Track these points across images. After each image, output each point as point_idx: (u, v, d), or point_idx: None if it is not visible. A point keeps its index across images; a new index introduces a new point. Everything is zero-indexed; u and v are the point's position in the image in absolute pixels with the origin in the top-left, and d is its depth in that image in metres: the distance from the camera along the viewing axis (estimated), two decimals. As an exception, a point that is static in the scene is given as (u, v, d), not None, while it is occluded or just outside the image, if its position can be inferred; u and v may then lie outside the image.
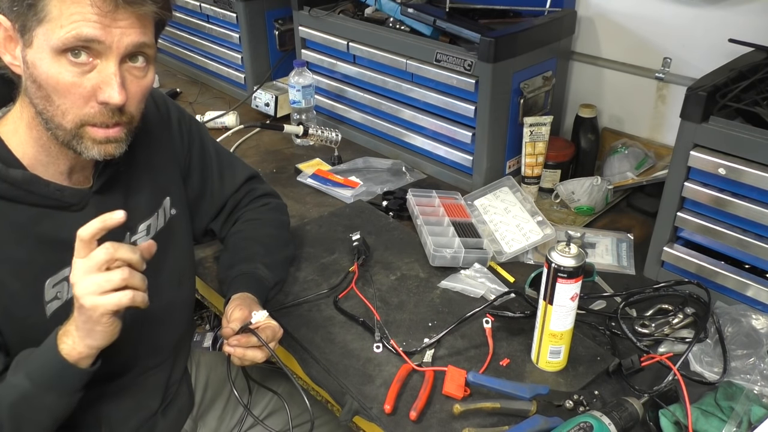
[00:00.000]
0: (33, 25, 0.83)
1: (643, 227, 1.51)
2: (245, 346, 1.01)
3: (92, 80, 0.85)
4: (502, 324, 1.19)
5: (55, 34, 0.82)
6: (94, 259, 0.81)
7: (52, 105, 0.86)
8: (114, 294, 0.82)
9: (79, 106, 0.86)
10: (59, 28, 0.82)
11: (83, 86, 0.85)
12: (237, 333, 1.01)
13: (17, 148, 0.91)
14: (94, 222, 0.82)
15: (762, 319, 1.13)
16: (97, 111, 0.87)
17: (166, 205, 1.12)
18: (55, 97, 0.86)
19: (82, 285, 0.82)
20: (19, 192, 0.90)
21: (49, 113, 0.87)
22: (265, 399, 1.28)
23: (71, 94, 0.85)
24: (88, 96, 0.86)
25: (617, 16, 1.66)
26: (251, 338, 1.00)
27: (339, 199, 1.63)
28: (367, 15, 1.86)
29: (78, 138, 0.89)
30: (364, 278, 1.31)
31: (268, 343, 1.00)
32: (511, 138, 1.63)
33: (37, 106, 0.87)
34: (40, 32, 0.83)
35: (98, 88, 0.86)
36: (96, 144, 0.89)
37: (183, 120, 1.19)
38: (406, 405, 1.01)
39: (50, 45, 0.82)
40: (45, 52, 0.83)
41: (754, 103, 1.16)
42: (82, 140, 0.89)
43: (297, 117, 1.89)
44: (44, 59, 0.84)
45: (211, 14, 2.21)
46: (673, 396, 0.99)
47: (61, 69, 0.84)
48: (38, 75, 0.85)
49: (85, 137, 0.89)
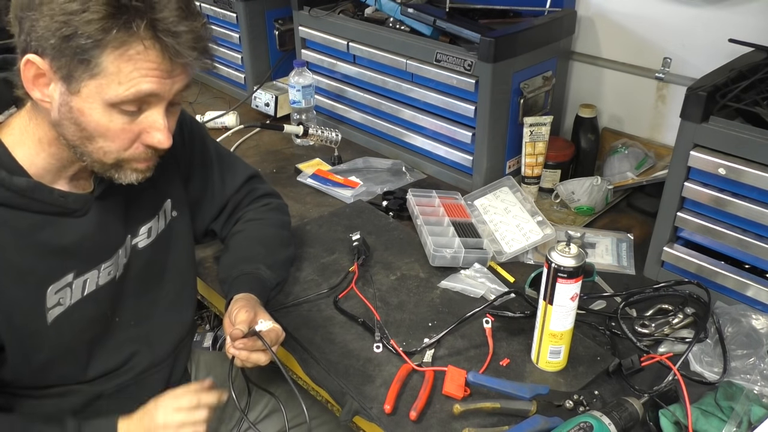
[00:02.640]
0: (84, 77, 0.82)
1: (643, 227, 1.51)
2: (250, 350, 1.01)
3: (140, 125, 0.88)
4: (502, 324, 1.19)
5: (112, 90, 0.82)
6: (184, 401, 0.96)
7: (93, 144, 0.88)
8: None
9: (125, 148, 0.89)
10: (117, 84, 0.82)
11: (132, 131, 0.88)
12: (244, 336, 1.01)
13: (24, 158, 0.90)
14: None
15: (762, 319, 1.13)
16: (141, 152, 0.91)
17: (167, 207, 1.12)
18: (101, 140, 0.87)
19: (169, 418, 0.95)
20: (23, 200, 0.89)
21: (88, 149, 0.88)
22: (264, 399, 1.28)
23: (119, 139, 0.88)
24: (134, 139, 0.89)
25: (617, 16, 1.66)
26: (257, 342, 1.00)
27: (339, 199, 1.63)
28: (367, 15, 1.86)
29: (117, 168, 0.92)
30: (364, 278, 1.31)
31: (271, 346, 1.00)
32: (511, 138, 1.63)
33: (72, 141, 0.88)
34: (92, 84, 0.82)
35: (146, 132, 0.89)
36: (134, 172, 0.93)
37: (183, 121, 1.18)
38: (406, 405, 1.01)
39: (104, 98, 0.83)
40: (96, 103, 0.84)
41: (754, 103, 1.16)
42: (122, 170, 0.92)
43: (297, 117, 1.89)
44: (95, 109, 0.84)
45: (211, 14, 2.21)
46: (673, 396, 0.99)
47: (112, 119, 0.85)
48: (86, 122, 0.85)
49: (126, 168, 0.92)
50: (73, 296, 0.96)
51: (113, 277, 1.02)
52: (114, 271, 1.02)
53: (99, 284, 0.99)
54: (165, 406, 0.96)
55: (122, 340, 1.03)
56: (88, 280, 0.97)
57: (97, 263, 0.98)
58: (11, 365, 0.92)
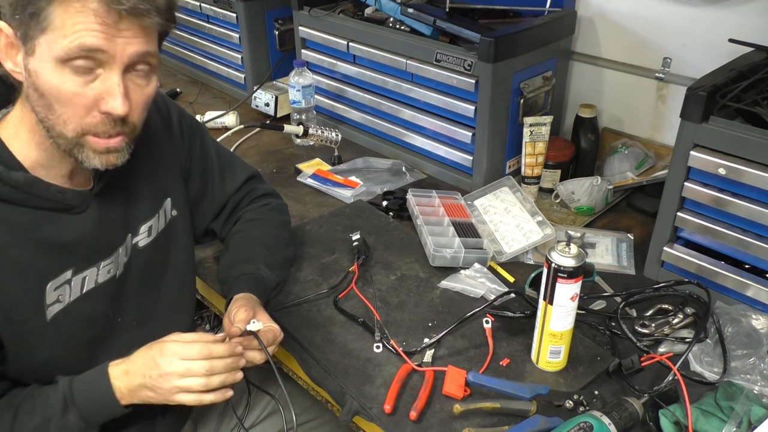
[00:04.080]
0: (35, 34, 0.82)
1: (643, 227, 1.51)
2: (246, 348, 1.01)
3: (95, 90, 0.85)
4: (502, 324, 1.19)
5: (58, 44, 0.81)
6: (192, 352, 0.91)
7: (53, 114, 0.86)
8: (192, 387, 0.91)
9: (81, 115, 0.86)
10: (62, 37, 0.81)
11: (86, 96, 0.85)
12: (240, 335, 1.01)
13: (19, 151, 0.90)
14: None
15: (762, 319, 1.13)
16: (99, 121, 0.87)
17: (167, 206, 1.12)
18: (57, 106, 0.85)
19: (171, 367, 0.90)
20: (20, 195, 0.89)
21: (51, 122, 0.86)
22: (264, 400, 1.28)
23: (73, 103, 0.85)
24: (91, 106, 0.86)
25: (617, 16, 1.67)
26: (253, 341, 1.00)
27: (339, 199, 1.63)
28: (367, 15, 1.86)
29: (79, 147, 0.88)
30: (364, 278, 1.31)
31: (269, 345, 1.00)
32: (511, 138, 1.63)
33: (39, 114, 0.87)
34: (43, 41, 0.82)
35: (101, 98, 0.85)
36: (97, 154, 0.89)
37: (183, 120, 1.18)
38: (406, 405, 1.01)
39: (53, 54, 0.82)
40: (47, 61, 0.83)
41: (754, 103, 1.16)
42: (83, 150, 0.89)
43: (297, 117, 1.89)
44: (47, 68, 0.83)
45: (211, 14, 2.21)
46: (673, 396, 0.99)
47: (63, 79, 0.83)
48: (40, 84, 0.84)
49: (86, 147, 0.89)
50: (72, 293, 0.96)
51: (113, 275, 1.02)
52: (114, 269, 1.02)
53: (98, 282, 0.99)
54: (169, 353, 0.91)
55: (125, 340, 1.03)
56: (87, 277, 0.97)
57: (97, 261, 0.98)
58: (13, 362, 0.93)
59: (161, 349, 0.92)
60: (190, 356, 0.91)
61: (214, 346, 0.92)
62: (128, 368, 0.93)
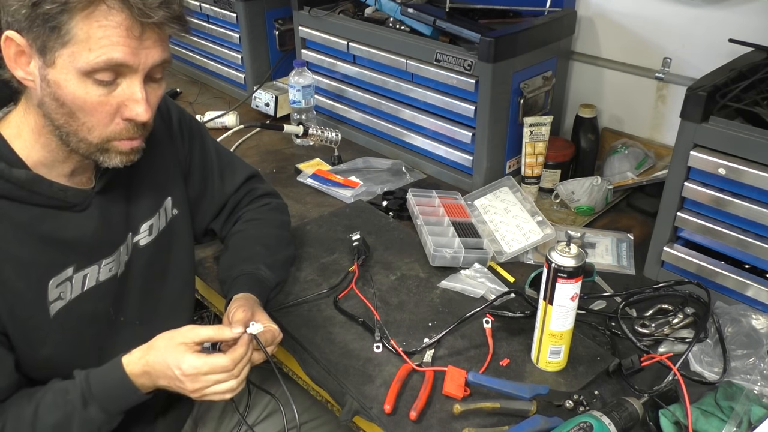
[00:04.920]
0: (56, 46, 0.82)
1: (643, 227, 1.51)
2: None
3: (117, 98, 0.87)
4: (502, 324, 1.19)
5: (83, 58, 0.82)
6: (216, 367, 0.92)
7: (76, 121, 0.87)
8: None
9: (105, 123, 0.89)
10: (87, 51, 0.82)
11: (109, 104, 0.87)
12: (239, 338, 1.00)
13: (21, 150, 0.91)
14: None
15: (762, 319, 1.13)
16: (123, 128, 0.90)
17: (168, 205, 1.12)
18: (80, 114, 0.87)
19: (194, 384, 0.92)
20: (22, 192, 0.90)
21: (73, 128, 0.88)
22: (264, 400, 1.28)
23: (97, 112, 0.87)
24: (113, 113, 0.88)
25: (617, 16, 1.67)
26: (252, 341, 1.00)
27: (339, 199, 1.63)
28: (367, 15, 1.86)
29: (102, 151, 0.91)
30: (364, 278, 1.31)
31: (268, 346, 1.00)
32: (511, 138, 1.63)
33: (57, 121, 0.88)
34: (65, 53, 0.83)
35: (124, 105, 0.88)
36: (120, 155, 0.93)
37: (183, 120, 1.19)
38: (406, 405, 1.01)
39: (76, 67, 0.83)
40: (70, 73, 0.84)
41: (754, 103, 1.16)
42: (108, 153, 0.92)
43: (297, 117, 1.89)
44: (69, 80, 0.84)
45: (211, 14, 2.21)
46: (673, 396, 0.99)
47: (87, 90, 0.85)
48: (62, 94, 0.85)
49: (111, 150, 0.92)
50: (73, 291, 0.96)
51: (115, 274, 1.02)
52: (115, 268, 1.02)
53: (99, 280, 0.99)
54: (188, 351, 0.92)
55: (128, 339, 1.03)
56: (88, 275, 0.98)
57: (98, 259, 0.99)
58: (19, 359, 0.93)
59: (179, 364, 0.92)
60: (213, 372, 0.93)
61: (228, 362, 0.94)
62: (148, 370, 0.93)
